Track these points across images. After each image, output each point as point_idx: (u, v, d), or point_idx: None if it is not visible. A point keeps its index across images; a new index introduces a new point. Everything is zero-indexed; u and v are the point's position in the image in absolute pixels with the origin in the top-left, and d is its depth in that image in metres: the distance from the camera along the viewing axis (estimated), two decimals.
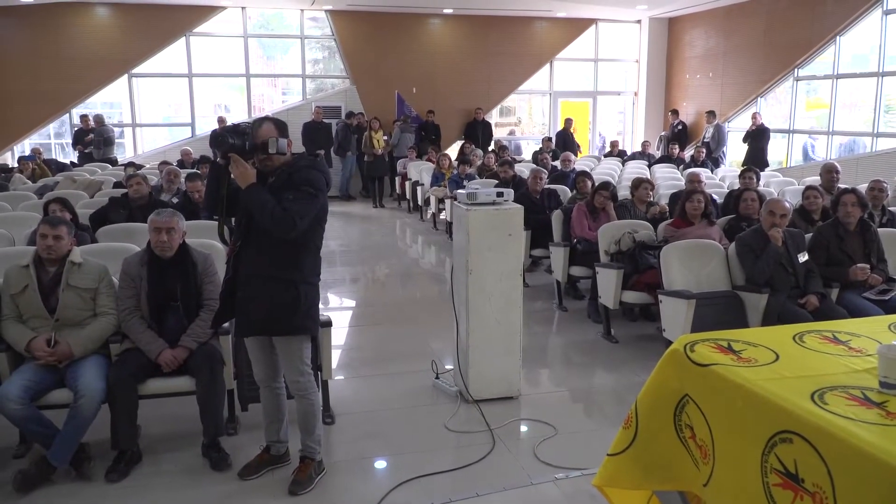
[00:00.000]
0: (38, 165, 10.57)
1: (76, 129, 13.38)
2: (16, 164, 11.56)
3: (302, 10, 14.82)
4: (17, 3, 12.93)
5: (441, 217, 10.60)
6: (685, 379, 2.36)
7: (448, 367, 4.93)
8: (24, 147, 13.91)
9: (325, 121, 14.02)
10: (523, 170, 9.86)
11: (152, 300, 3.73)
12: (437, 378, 4.79)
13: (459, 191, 4.53)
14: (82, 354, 3.62)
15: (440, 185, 10.65)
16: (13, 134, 13.74)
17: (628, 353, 5.43)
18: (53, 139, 15.15)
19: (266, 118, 3.30)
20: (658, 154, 13.67)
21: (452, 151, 14.09)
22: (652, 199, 6.92)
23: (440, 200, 10.53)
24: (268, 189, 3.13)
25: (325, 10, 14.71)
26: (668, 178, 10.17)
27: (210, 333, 3.73)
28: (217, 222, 3.31)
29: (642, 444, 2.47)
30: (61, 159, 13.15)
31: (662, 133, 15.15)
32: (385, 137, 14.01)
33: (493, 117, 16.24)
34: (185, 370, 3.66)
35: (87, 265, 3.80)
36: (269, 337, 3.33)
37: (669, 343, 2.63)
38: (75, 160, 12.76)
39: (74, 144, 13.23)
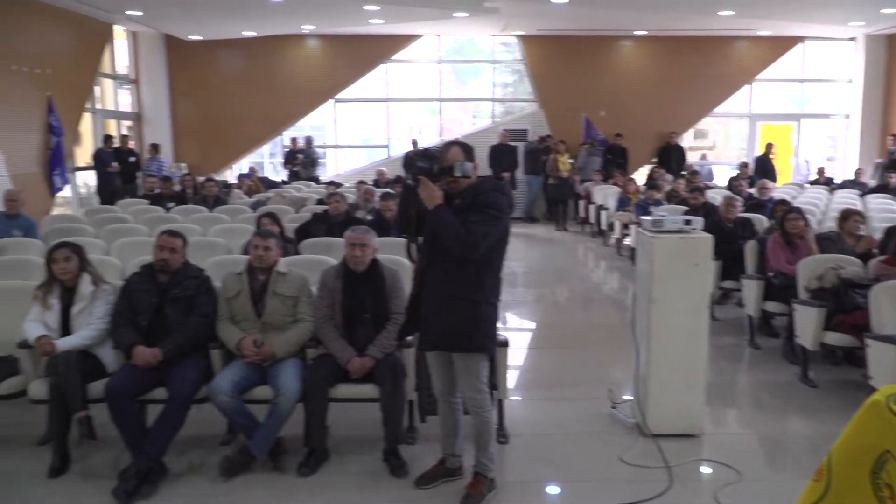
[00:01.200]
0: (254, 182, 11.70)
1: (286, 149, 14.66)
2: (235, 181, 12.90)
3: (493, 36, 15.24)
4: (240, 37, 14.47)
5: (625, 243, 10.37)
6: (886, 434, 2.14)
7: (626, 397, 4.81)
8: (242, 165, 15.48)
9: (511, 143, 14.26)
10: (715, 196, 9.41)
11: (345, 310, 4.00)
12: (613, 408, 4.68)
13: (645, 217, 4.42)
14: (283, 356, 3.96)
15: (625, 210, 10.43)
16: (233, 153, 15.35)
17: (828, 400, 4.98)
18: (267, 158, 16.72)
19: (454, 142, 3.44)
20: (872, 183, 12.45)
21: (639, 176, 13.75)
22: (863, 232, 6.33)
23: (625, 226, 10.30)
24: (453, 210, 3.26)
25: (517, 36, 15.01)
26: (884, 210, 9.23)
27: (395, 345, 3.93)
28: (406, 240, 3.50)
29: (834, 500, 2.27)
30: (273, 177, 14.45)
31: (878, 160, 13.77)
32: (570, 160, 13.98)
33: (686, 141, 15.65)
34: (371, 378, 3.89)
35: (291, 275, 4.15)
36: (450, 353, 3.45)
37: None
38: (285, 178, 13.98)
39: (285, 164, 14.51)
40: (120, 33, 13.91)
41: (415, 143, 14.21)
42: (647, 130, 14.86)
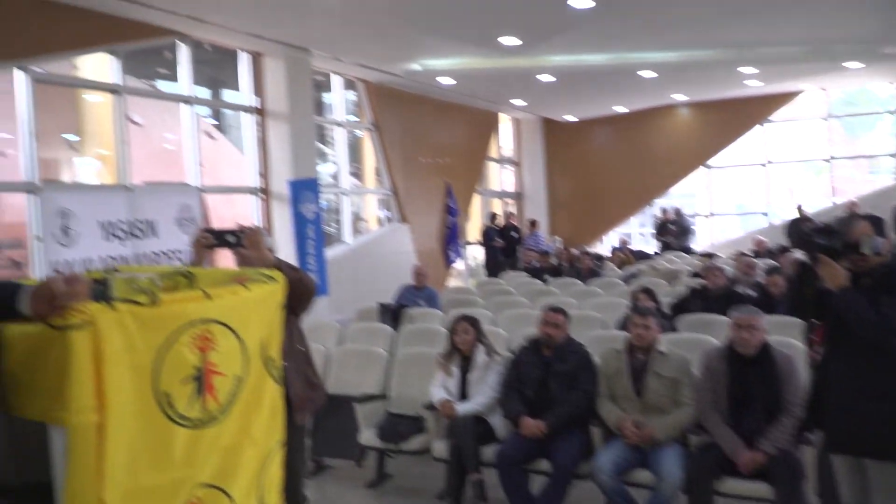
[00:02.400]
0: (625, 254, 11.82)
1: (657, 220, 14.58)
2: (607, 253, 13.18)
3: (892, 83, 13.42)
4: (610, 113, 14.98)
5: None
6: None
7: None
8: (613, 237, 15.79)
9: None
10: None
11: (731, 397, 3.75)
12: None
13: None
14: (664, 440, 3.86)
15: None
16: (605, 225, 15.77)
17: None
18: (637, 229, 16.82)
19: (860, 215, 3.09)
20: None
21: None
22: None
23: None
24: (862, 291, 2.89)
25: None
26: None
27: (791, 441, 3.56)
28: (801, 321, 3.19)
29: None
30: (643, 248, 14.46)
31: None
32: None
33: None
34: (763, 475, 3.56)
35: (672, 355, 4.06)
36: (863, 458, 3.01)
37: None
38: (657, 249, 13.87)
39: (655, 234, 14.42)
40: (504, 120, 15.43)
41: (800, 208, 13.01)
42: None
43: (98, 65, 6.98)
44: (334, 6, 6.88)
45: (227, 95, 10.19)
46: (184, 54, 7.71)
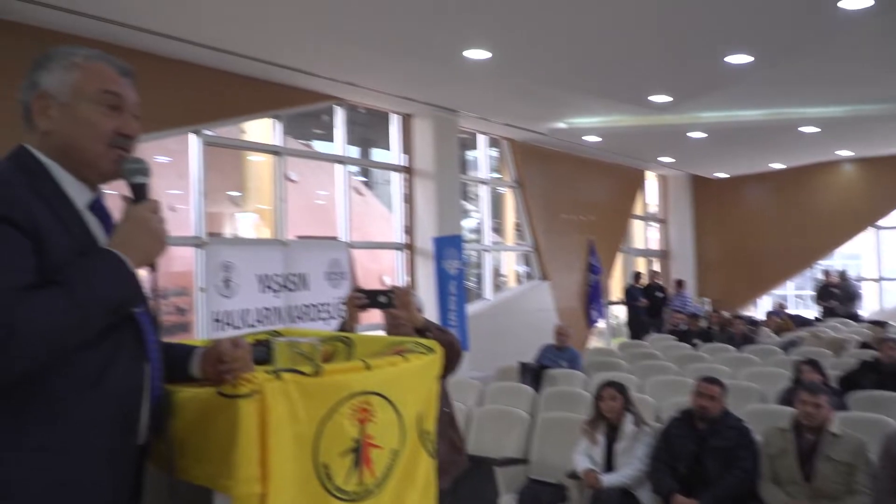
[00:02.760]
0: (783, 320, 11.04)
1: (818, 283, 13.55)
2: (761, 317, 12.36)
3: None
4: (766, 170, 14.22)
5: None
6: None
7: None
8: (766, 301, 14.80)
9: None
10: None
11: None
12: None
13: None
14: None
15: None
16: (758, 289, 14.85)
17: None
18: (792, 292, 15.70)
19: None
20: None
21: None
22: None
23: None
24: None
25: None
26: None
27: None
28: None
29: None
30: (802, 313, 13.45)
31: None
32: None
33: None
34: None
35: (845, 437, 3.68)
36: None
37: None
38: (818, 315, 12.86)
39: (817, 299, 13.38)
40: (650, 176, 15.05)
41: None
42: None
43: (262, 127, 7.50)
44: (483, 72, 7.04)
45: (376, 154, 10.63)
46: (339, 117, 8.13)
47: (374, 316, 2.99)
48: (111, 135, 1.50)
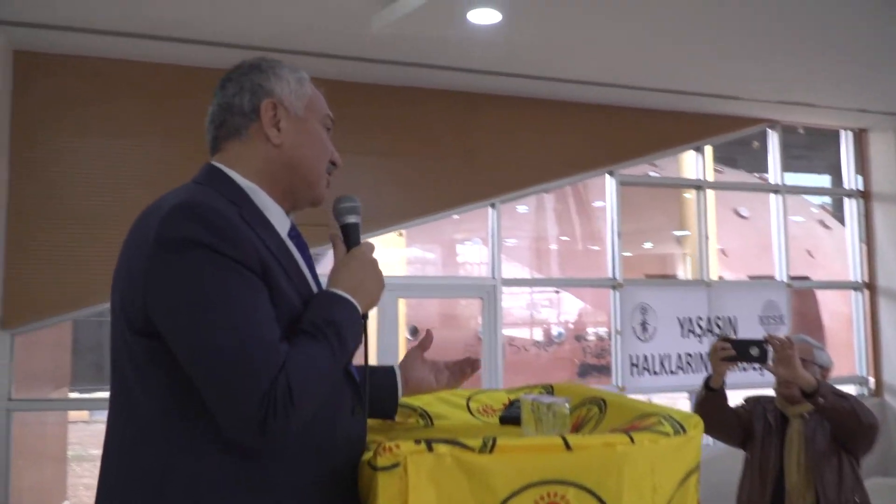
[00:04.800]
0: None
1: None
2: None
3: None
4: None
5: None
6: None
7: None
8: None
9: None
10: None
11: None
12: None
13: None
14: None
15: None
16: None
17: None
18: None
19: None
20: None
21: None
22: None
23: None
24: None
25: None
26: None
27: None
28: None
29: None
30: None
31: None
32: None
33: None
34: None
35: None
36: None
37: None
38: None
39: None
40: None
41: None
42: None
43: (690, 161, 7.05)
44: None
45: (801, 178, 9.25)
46: (773, 141, 7.26)
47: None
48: (329, 159, 1.41)
